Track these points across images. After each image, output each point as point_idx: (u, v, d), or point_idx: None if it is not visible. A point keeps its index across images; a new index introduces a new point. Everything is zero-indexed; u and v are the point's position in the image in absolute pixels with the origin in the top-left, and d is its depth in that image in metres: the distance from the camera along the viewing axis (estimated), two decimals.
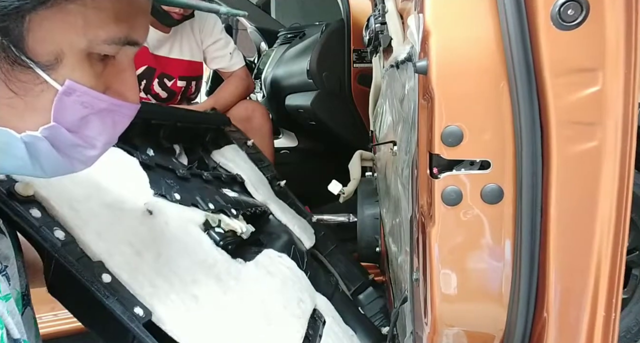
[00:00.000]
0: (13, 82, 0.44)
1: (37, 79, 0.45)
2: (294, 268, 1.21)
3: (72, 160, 0.52)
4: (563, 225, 0.63)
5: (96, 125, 0.51)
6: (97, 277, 0.71)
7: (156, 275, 0.81)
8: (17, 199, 0.68)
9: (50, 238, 0.69)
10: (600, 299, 0.63)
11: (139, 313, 0.72)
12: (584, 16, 0.57)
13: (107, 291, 0.70)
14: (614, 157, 0.59)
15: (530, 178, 0.62)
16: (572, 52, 0.58)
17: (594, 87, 0.59)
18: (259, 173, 1.57)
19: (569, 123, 0.60)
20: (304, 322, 1.04)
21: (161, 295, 0.78)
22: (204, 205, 1.12)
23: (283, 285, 1.10)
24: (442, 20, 0.66)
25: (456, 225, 0.69)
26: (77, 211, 0.76)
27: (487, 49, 0.64)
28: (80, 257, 0.72)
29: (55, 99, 0.46)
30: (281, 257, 1.20)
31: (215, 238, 1.04)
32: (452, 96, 0.65)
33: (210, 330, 0.81)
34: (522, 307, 0.66)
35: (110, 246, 0.77)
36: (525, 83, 0.60)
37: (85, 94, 0.48)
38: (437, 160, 0.68)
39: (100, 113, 0.50)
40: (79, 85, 0.47)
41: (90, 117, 0.50)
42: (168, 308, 0.77)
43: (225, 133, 1.60)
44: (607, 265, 0.62)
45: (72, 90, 0.47)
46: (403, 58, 0.93)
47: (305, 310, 1.08)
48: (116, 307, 0.69)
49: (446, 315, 0.73)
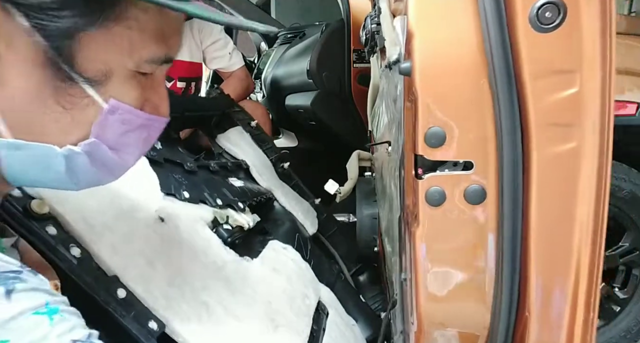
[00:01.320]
0: (62, 96, 0.47)
1: (84, 93, 0.47)
2: (298, 260, 1.24)
3: (104, 173, 0.54)
4: (543, 226, 0.63)
5: (132, 140, 0.54)
6: (112, 293, 0.72)
7: (168, 285, 0.83)
8: (33, 217, 0.68)
9: (66, 257, 0.69)
10: (580, 298, 0.63)
11: (153, 327, 0.73)
12: (561, 18, 0.57)
13: (122, 308, 0.71)
14: (591, 157, 0.60)
15: (512, 179, 0.63)
16: (550, 54, 0.59)
17: (571, 89, 0.59)
18: (263, 156, 1.59)
19: (548, 124, 0.60)
20: (309, 320, 1.07)
21: (174, 306, 0.79)
22: (212, 200, 1.15)
23: (288, 282, 1.12)
24: (425, 22, 0.66)
25: (440, 225, 0.69)
26: (91, 226, 0.77)
27: (469, 51, 0.64)
28: (95, 275, 0.72)
29: (100, 117, 0.49)
30: (286, 249, 1.24)
31: (224, 236, 1.07)
32: (434, 97, 0.66)
33: (220, 337, 0.83)
34: (504, 307, 0.66)
35: (124, 259, 0.78)
36: (506, 85, 0.61)
37: (127, 112, 0.51)
38: (421, 161, 0.69)
39: (137, 129, 0.53)
40: (122, 103, 0.50)
41: (128, 133, 0.52)
42: (181, 319, 0.79)
43: (230, 115, 1.61)
44: (586, 264, 0.62)
45: (116, 109, 0.50)
46: (394, 59, 0.93)
47: (310, 306, 1.11)
48: (132, 325, 0.70)
49: (432, 315, 0.74)
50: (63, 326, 0.46)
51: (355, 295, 1.44)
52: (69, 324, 0.46)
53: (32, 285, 0.46)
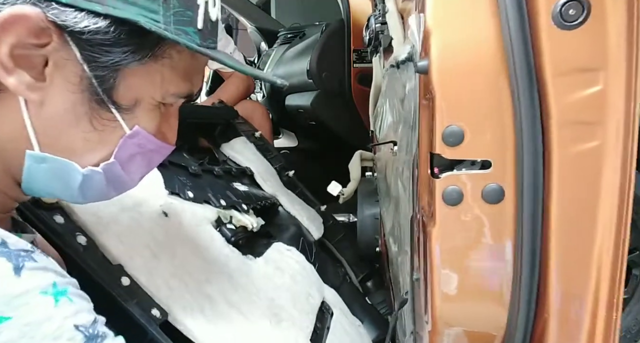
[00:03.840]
0: (95, 118, 0.51)
1: (114, 118, 0.52)
2: (303, 261, 1.24)
3: (111, 190, 0.59)
4: (564, 225, 0.63)
5: (139, 162, 0.58)
6: (116, 280, 0.75)
7: (172, 276, 0.84)
8: (42, 206, 0.72)
9: (72, 245, 0.73)
10: (601, 299, 0.63)
11: (155, 314, 0.75)
12: (585, 16, 0.57)
13: (126, 294, 0.74)
14: (615, 156, 0.59)
15: (532, 178, 0.62)
16: (574, 51, 0.58)
17: (595, 87, 0.58)
18: (268, 164, 1.60)
19: (570, 123, 0.60)
20: (313, 317, 1.07)
21: (177, 296, 0.81)
22: (215, 201, 1.15)
23: (292, 281, 1.13)
24: (443, 20, 0.66)
25: (457, 225, 0.69)
26: (98, 217, 0.80)
27: (488, 48, 0.64)
28: (101, 262, 0.75)
29: (121, 140, 0.54)
30: (290, 251, 1.24)
31: (227, 235, 1.08)
32: (453, 96, 0.65)
33: (222, 329, 0.84)
34: (523, 308, 0.65)
35: (129, 249, 0.81)
36: (527, 83, 0.60)
37: (144, 137, 0.56)
38: (438, 160, 0.68)
39: (146, 152, 0.58)
40: (143, 130, 0.55)
41: (138, 155, 0.57)
42: (183, 308, 0.80)
43: (234, 126, 1.62)
44: (608, 265, 0.62)
45: (137, 134, 0.54)
46: (404, 58, 0.93)
47: (314, 305, 1.12)
48: (135, 309, 0.73)
49: (447, 315, 0.73)
50: (68, 309, 0.47)
51: (361, 298, 1.44)
52: (74, 307, 0.48)
53: (42, 265, 0.47)
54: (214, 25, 0.56)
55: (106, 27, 0.47)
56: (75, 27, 0.46)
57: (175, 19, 0.50)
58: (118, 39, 0.48)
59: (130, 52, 0.49)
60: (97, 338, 0.48)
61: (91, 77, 0.49)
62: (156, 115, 0.56)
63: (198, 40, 0.53)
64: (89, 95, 0.50)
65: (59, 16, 0.45)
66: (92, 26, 0.46)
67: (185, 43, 0.50)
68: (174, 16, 0.49)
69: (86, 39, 0.47)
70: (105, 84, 0.50)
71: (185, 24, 0.51)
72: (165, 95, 0.55)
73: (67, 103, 0.50)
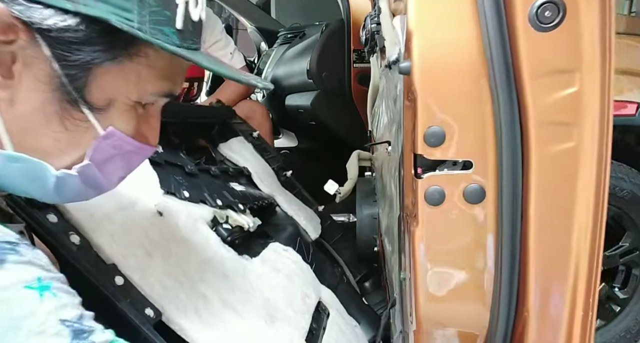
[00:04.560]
0: (66, 118, 0.50)
1: (86, 118, 0.51)
2: (300, 261, 1.25)
3: (89, 191, 0.58)
4: (542, 225, 0.63)
5: (118, 164, 0.57)
6: (110, 280, 0.75)
7: (166, 275, 0.84)
8: (35, 205, 0.72)
9: (66, 244, 0.73)
10: (578, 297, 0.63)
11: (149, 314, 0.75)
12: (561, 17, 0.57)
13: (120, 294, 0.74)
14: (591, 156, 0.60)
15: (511, 178, 0.63)
16: (550, 53, 0.59)
17: (571, 88, 0.59)
18: (265, 164, 1.60)
19: (548, 123, 0.60)
20: (308, 317, 1.08)
21: (171, 296, 0.81)
22: (211, 201, 1.16)
23: (288, 281, 1.13)
24: (425, 21, 0.66)
25: (440, 225, 0.69)
26: (91, 215, 0.80)
27: (469, 50, 0.64)
28: (94, 261, 0.75)
29: (95, 141, 0.52)
30: (287, 251, 1.24)
31: (223, 235, 1.09)
32: (434, 97, 0.66)
33: (217, 328, 0.84)
34: (503, 306, 0.66)
35: (123, 249, 0.81)
36: (505, 84, 0.61)
37: (120, 139, 0.54)
38: (420, 160, 0.69)
39: (125, 154, 0.57)
40: (118, 131, 0.53)
41: (116, 157, 0.56)
42: (178, 308, 0.80)
43: (231, 125, 1.63)
44: (585, 263, 0.62)
45: (111, 135, 0.53)
46: (394, 58, 0.93)
47: (310, 305, 1.12)
48: (128, 309, 0.73)
49: (431, 314, 0.73)
50: (52, 303, 0.47)
51: (358, 298, 1.44)
52: (59, 302, 0.47)
53: (27, 258, 0.47)
54: (196, 25, 0.54)
55: (76, 25, 0.46)
56: (43, 24, 0.45)
57: (151, 18, 0.48)
58: (89, 37, 0.47)
59: (102, 51, 0.48)
60: (84, 333, 0.48)
61: (61, 76, 0.48)
62: (133, 115, 0.55)
63: (177, 40, 0.51)
64: (59, 95, 0.49)
65: (25, 13, 0.44)
66: (61, 24, 0.45)
67: (159, 44, 0.49)
68: (149, 15, 0.48)
69: (55, 36, 0.46)
70: (76, 83, 0.48)
71: (162, 23, 0.49)
72: (142, 94, 0.53)
73: (37, 102, 0.48)
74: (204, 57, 0.55)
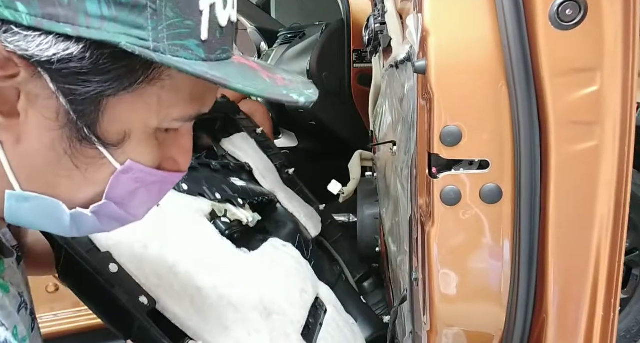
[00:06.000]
0: (77, 157, 0.44)
1: (100, 155, 0.45)
2: (299, 257, 1.25)
3: (112, 224, 0.53)
4: (562, 225, 0.63)
5: (142, 197, 0.51)
6: (105, 267, 0.75)
7: (161, 266, 0.84)
8: None
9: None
10: (599, 299, 0.63)
11: (143, 302, 0.75)
12: (582, 16, 0.57)
13: (114, 281, 0.74)
14: (612, 156, 0.59)
15: (529, 178, 0.62)
16: (571, 52, 0.59)
17: (592, 87, 0.59)
18: (268, 161, 1.60)
19: (568, 123, 0.60)
20: (305, 313, 1.08)
21: (165, 286, 0.81)
22: (210, 194, 1.16)
23: (285, 276, 1.13)
24: (441, 20, 0.66)
25: (455, 225, 0.69)
26: None
27: (486, 48, 0.64)
28: (89, 249, 0.75)
29: (112, 177, 0.47)
30: (286, 247, 1.24)
31: (221, 228, 1.08)
32: (451, 96, 0.65)
33: (212, 319, 0.84)
34: (521, 307, 0.66)
35: (118, 238, 0.80)
36: (524, 83, 0.60)
37: (141, 171, 0.48)
38: (436, 160, 0.68)
39: (149, 185, 0.51)
40: (138, 164, 0.47)
41: (139, 190, 0.50)
42: (172, 297, 0.80)
43: (235, 121, 1.62)
44: (605, 264, 0.62)
45: (131, 169, 0.47)
46: (402, 58, 0.93)
47: (308, 300, 1.12)
48: (122, 296, 0.73)
49: (445, 315, 0.73)
50: None
51: (356, 296, 1.44)
52: None
53: None
54: (225, 31, 0.45)
55: (80, 53, 0.39)
56: (42, 56, 0.38)
57: (169, 33, 0.40)
58: (97, 65, 0.40)
59: (114, 80, 0.41)
60: None
61: (69, 112, 0.42)
62: (154, 143, 0.48)
63: (203, 53, 0.43)
64: (69, 132, 0.43)
65: (19, 44, 0.37)
66: (63, 53, 0.38)
67: (178, 66, 0.40)
68: (167, 30, 0.40)
69: (58, 68, 0.39)
70: (86, 119, 0.42)
71: (183, 37, 0.41)
72: (165, 120, 0.46)
73: (45, 140, 0.43)
74: (236, 69, 0.46)
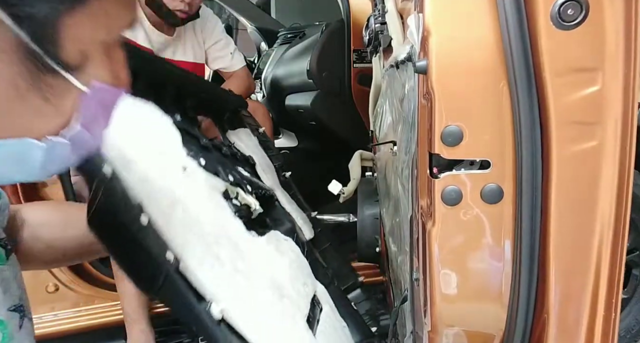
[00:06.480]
0: (42, 88, 0.42)
1: (65, 81, 0.43)
2: (298, 252, 1.24)
3: (75, 156, 0.50)
4: (563, 225, 0.63)
5: (105, 120, 0.50)
6: (136, 217, 0.73)
7: (185, 229, 0.84)
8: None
9: (100, 173, 0.71)
10: (600, 299, 0.63)
11: (170, 258, 0.74)
12: (583, 16, 0.57)
13: (144, 233, 0.72)
14: (613, 156, 0.59)
15: (530, 178, 0.62)
16: (572, 51, 0.58)
17: (593, 87, 0.59)
18: (268, 160, 1.60)
19: (569, 123, 0.60)
20: (308, 302, 1.08)
21: (189, 248, 0.80)
22: (224, 175, 1.15)
23: (290, 266, 1.13)
24: (442, 20, 0.66)
25: (456, 225, 0.69)
26: (122, 154, 0.79)
27: (487, 48, 0.64)
28: (123, 196, 0.74)
29: (82, 102, 0.45)
30: (287, 241, 1.23)
31: (232, 209, 1.08)
32: (452, 96, 0.65)
33: (229, 288, 0.84)
34: (522, 307, 0.66)
35: (149, 193, 0.80)
36: (525, 83, 0.60)
37: (104, 91, 0.46)
38: (437, 160, 0.68)
39: (110, 106, 0.49)
40: (103, 85, 0.46)
41: (103, 112, 0.49)
42: (195, 259, 0.79)
43: (240, 116, 1.62)
44: (606, 264, 0.62)
45: (97, 90, 0.45)
46: (403, 58, 0.93)
47: (308, 293, 1.12)
48: (152, 248, 0.71)
49: (446, 315, 0.73)
50: None
51: (347, 301, 1.43)
52: None
53: None
54: None
55: None
56: None
57: None
58: None
59: None
60: None
61: (25, 40, 0.40)
62: (107, 61, 0.46)
63: None
64: (30, 64, 0.41)
65: None
66: None
67: None
68: None
69: None
70: (44, 44, 0.40)
71: None
72: (114, 32, 0.46)
73: (6, 76, 0.41)
74: None
